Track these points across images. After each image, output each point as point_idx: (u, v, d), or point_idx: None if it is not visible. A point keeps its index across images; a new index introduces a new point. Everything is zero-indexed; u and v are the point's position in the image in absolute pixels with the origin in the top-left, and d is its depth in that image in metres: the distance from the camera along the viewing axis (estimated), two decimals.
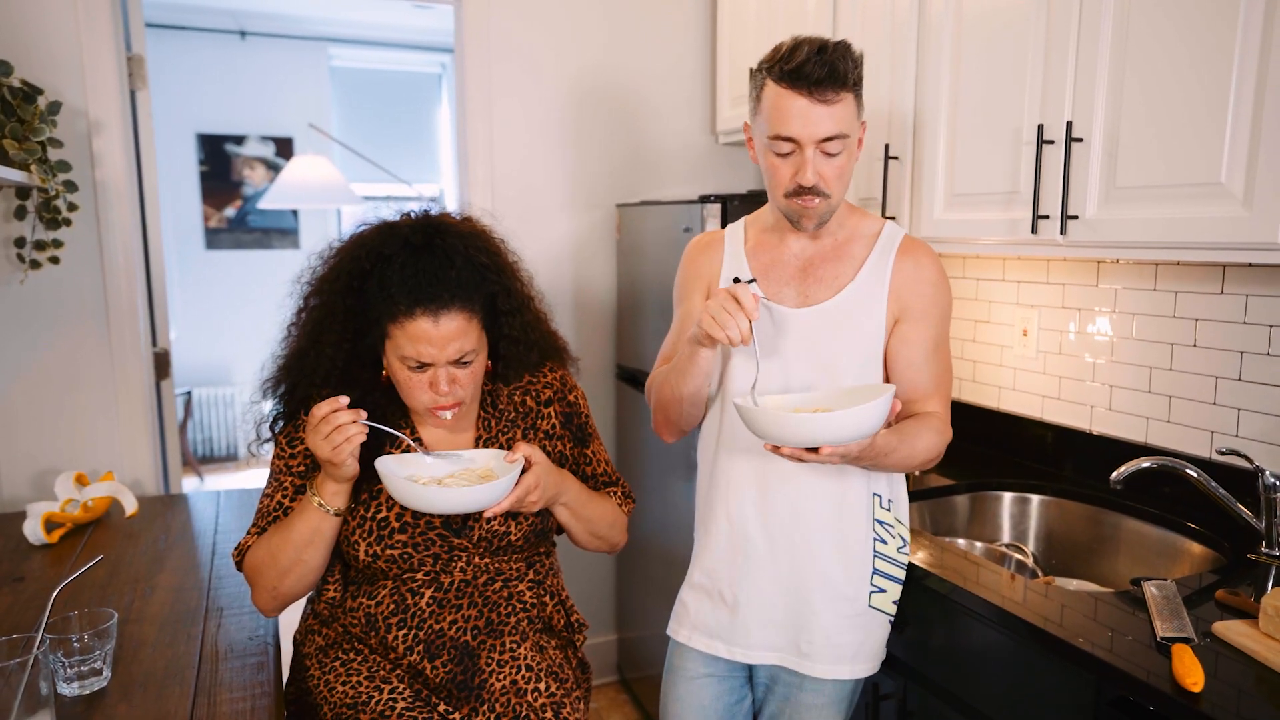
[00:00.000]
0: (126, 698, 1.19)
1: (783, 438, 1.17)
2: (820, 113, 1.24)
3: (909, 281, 1.36)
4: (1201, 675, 1.05)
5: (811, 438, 1.15)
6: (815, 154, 1.26)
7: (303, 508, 1.28)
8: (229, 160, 5.60)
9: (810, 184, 1.27)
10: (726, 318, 1.21)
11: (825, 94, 1.23)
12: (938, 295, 1.38)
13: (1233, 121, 1.26)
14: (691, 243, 1.54)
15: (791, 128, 1.25)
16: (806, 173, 1.26)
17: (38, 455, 2.13)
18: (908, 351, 1.37)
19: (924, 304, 1.37)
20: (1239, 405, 1.62)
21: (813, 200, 1.29)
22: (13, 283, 2.04)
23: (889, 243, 1.39)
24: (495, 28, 2.49)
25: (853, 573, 1.39)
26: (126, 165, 2.17)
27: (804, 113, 1.24)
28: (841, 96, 1.25)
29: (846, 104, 1.26)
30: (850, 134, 1.28)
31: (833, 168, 1.28)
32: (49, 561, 1.67)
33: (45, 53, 2.02)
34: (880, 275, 1.36)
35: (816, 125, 1.24)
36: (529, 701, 1.34)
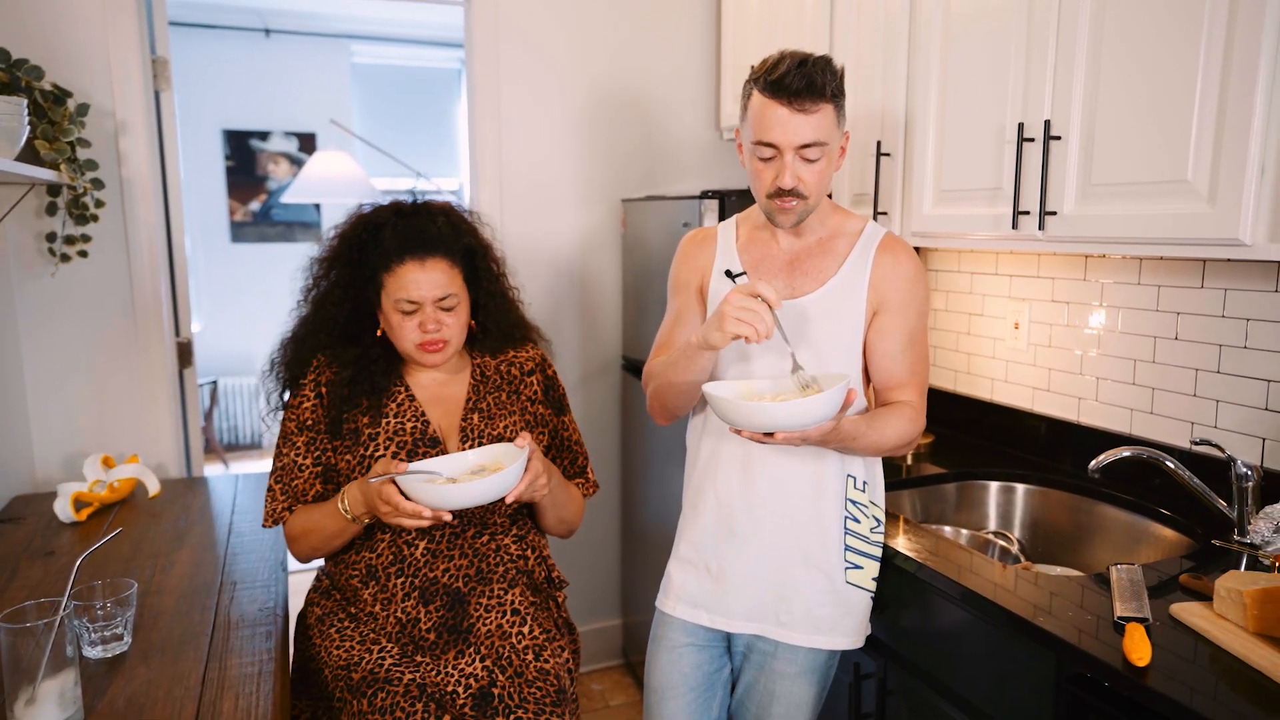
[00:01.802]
0: (145, 661, 1.28)
1: (741, 423, 1.26)
2: (799, 121, 1.32)
3: (887, 276, 1.43)
4: (1149, 651, 1.10)
5: (766, 424, 1.24)
6: (794, 159, 1.34)
7: (331, 509, 1.42)
8: (254, 155, 5.73)
9: (789, 187, 1.35)
10: (753, 315, 1.25)
11: (804, 104, 1.31)
12: (914, 290, 1.44)
13: (1198, 122, 1.30)
14: (685, 238, 1.61)
15: (773, 134, 1.33)
16: (785, 176, 1.34)
17: (68, 439, 2.24)
18: (884, 342, 1.44)
19: (900, 298, 1.43)
20: (1217, 397, 1.66)
21: (790, 201, 1.37)
22: (44, 275, 2.14)
23: (870, 240, 1.46)
24: (504, 26, 2.56)
25: (828, 549, 1.46)
26: (151, 163, 2.27)
27: (784, 121, 1.32)
28: (819, 107, 1.32)
29: (824, 114, 1.33)
30: (828, 142, 1.35)
31: (811, 172, 1.36)
32: (77, 538, 1.77)
33: (74, 57, 2.12)
34: (861, 270, 1.44)
35: (795, 133, 1.32)
36: (512, 644, 1.46)
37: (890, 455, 1.53)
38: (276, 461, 1.51)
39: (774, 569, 1.46)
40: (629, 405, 2.77)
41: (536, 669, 1.43)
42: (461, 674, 1.40)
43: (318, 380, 1.51)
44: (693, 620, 1.51)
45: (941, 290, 2.35)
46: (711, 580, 1.50)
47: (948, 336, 2.34)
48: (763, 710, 1.50)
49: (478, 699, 1.36)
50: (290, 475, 1.49)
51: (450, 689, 1.38)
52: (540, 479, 1.39)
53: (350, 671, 1.39)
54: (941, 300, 2.35)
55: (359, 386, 1.49)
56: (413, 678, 1.36)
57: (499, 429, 1.54)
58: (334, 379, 1.50)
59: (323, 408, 1.50)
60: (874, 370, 1.46)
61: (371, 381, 1.50)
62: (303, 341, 1.54)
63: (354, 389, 1.49)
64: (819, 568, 1.45)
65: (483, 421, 1.53)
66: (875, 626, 1.59)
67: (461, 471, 1.40)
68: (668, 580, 1.56)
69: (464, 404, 1.55)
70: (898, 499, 1.94)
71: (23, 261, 2.13)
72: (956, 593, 1.41)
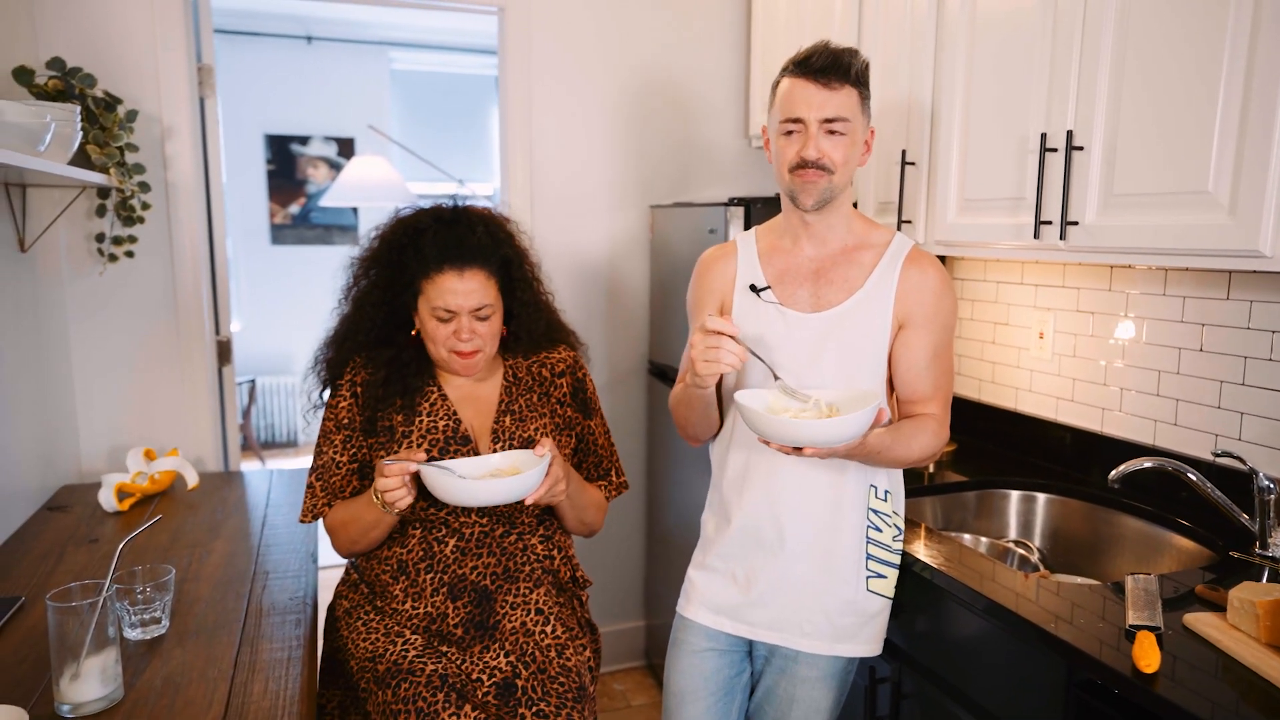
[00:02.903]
0: (181, 643, 1.34)
1: (770, 435, 1.29)
2: (824, 95, 1.36)
3: (913, 290, 1.43)
4: (1158, 659, 1.11)
5: (796, 439, 1.27)
6: (819, 131, 1.37)
7: (367, 498, 1.46)
8: (294, 159, 5.86)
9: (813, 158, 1.37)
10: (716, 353, 1.31)
11: (829, 80, 1.36)
12: (940, 305, 1.44)
13: (1220, 134, 1.31)
14: (702, 258, 1.61)
15: (798, 109, 1.37)
16: (809, 147, 1.37)
17: (112, 432, 2.33)
18: (909, 356, 1.44)
19: (926, 312, 1.43)
20: (1242, 409, 1.65)
21: (813, 175, 1.38)
22: (93, 274, 2.24)
23: (897, 252, 1.46)
24: (536, 32, 2.62)
25: (851, 559, 1.47)
26: (195, 167, 2.35)
27: (808, 96, 1.36)
28: (843, 86, 1.36)
29: (848, 95, 1.37)
30: (852, 120, 1.38)
31: (835, 147, 1.38)
32: (120, 526, 1.85)
33: (123, 64, 2.21)
34: (887, 283, 1.44)
35: (820, 106, 1.36)
36: (536, 641, 1.49)
37: (913, 467, 1.54)
38: (316, 460, 1.56)
39: (799, 579, 1.47)
40: (655, 409, 2.80)
41: (559, 665, 1.47)
42: (486, 665, 1.44)
43: (353, 380, 1.57)
44: (715, 627, 1.53)
45: (967, 299, 2.36)
46: (738, 589, 1.51)
47: (973, 345, 2.35)
48: (782, 714, 1.52)
49: (501, 689, 1.40)
50: (329, 473, 1.54)
51: (474, 678, 1.42)
52: (559, 484, 1.43)
53: (376, 663, 1.43)
54: (967, 309, 2.36)
55: (393, 386, 1.54)
56: (435, 668, 1.40)
57: (529, 431, 1.57)
58: (369, 379, 1.55)
59: (358, 406, 1.55)
60: (899, 383, 1.47)
61: (404, 382, 1.54)
62: (343, 341, 1.59)
63: (388, 389, 1.54)
64: (842, 577, 1.47)
65: (514, 424, 1.57)
66: (891, 631, 1.60)
67: (482, 473, 1.44)
68: (690, 586, 1.58)
69: (496, 405, 1.58)
70: (919, 506, 1.95)
71: (73, 261, 2.22)
72: (971, 599, 1.42)
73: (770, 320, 1.46)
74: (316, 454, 1.57)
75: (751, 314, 1.48)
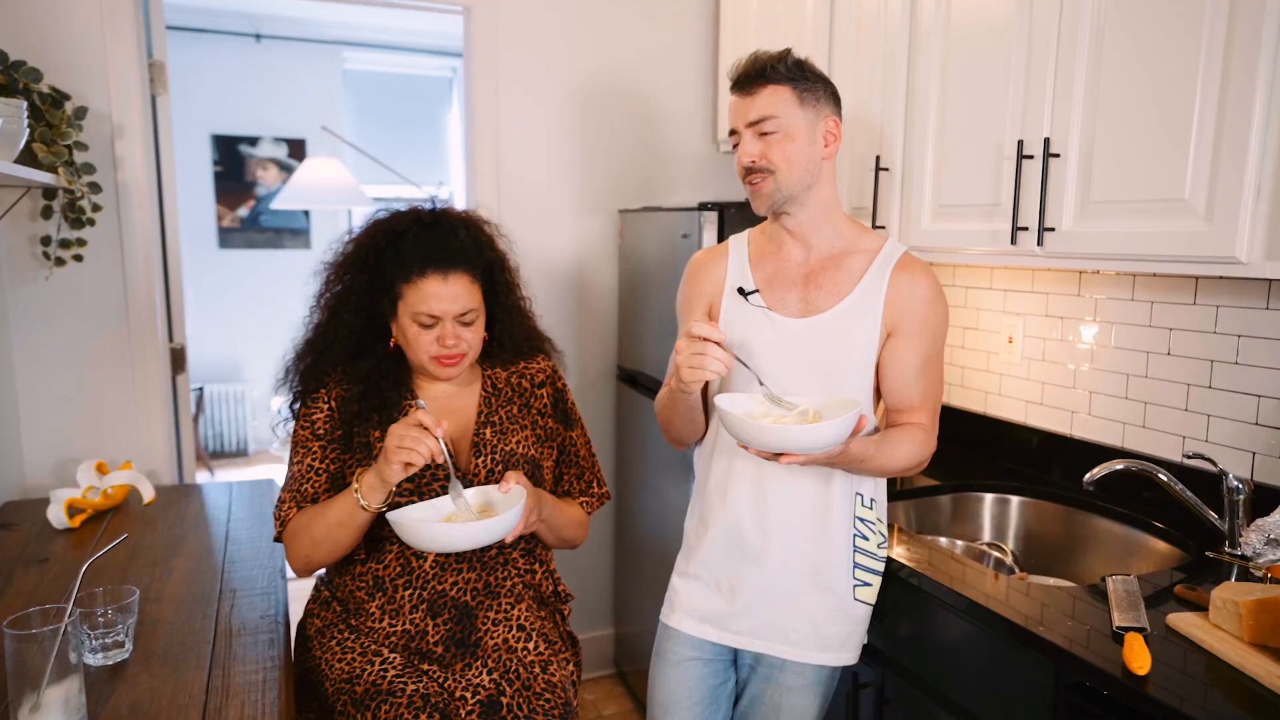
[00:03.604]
0: (147, 668, 1.27)
1: (750, 440, 1.28)
2: (746, 102, 1.40)
3: (902, 298, 1.42)
4: (1149, 660, 1.12)
5: (775, 445, 1.26)
6: (748, 135, 1.40)
7: (344, 494, 1.40)
8: (243, 161, 5.71)
9: (746, 162, 1.40)
10: (700, 359, 1.29)
11: (749, 88, 1.40)
12: (930, 314, 1.43)
13: (1196, 142, 1.33)
14: (693, 259, 1.60)
15: (731, 122, 1.44)
16: (742, 152, 1.41)
17: (59, 444, 2.22)
18: (897, 365, 1.43)
19: (916, 321, 1.42)
20: (1209, 411, 1.69)
21: (757, 179, 1.41)
22: (38, 279, 2.13)
23: (887, 259, 1.44)
24: (503, 36, 2.58)
25: (837, 567, 1.46)
26: (147, 167, 2.26)
27: (735, 107, 1.43)
28: (764, 87, 1.38)
29: (772, 93, 1.38)
30: (781, 116, 1.38)
31: (769, 146, 1.39)
32: (72, 544, 1.75)
33: (72, 59, 2.11)
34: (877, 290, 1.42)
35: (744, 113, 1.41)
36: (519, 657, 1.45)
37: (898, 476, 1.53)
38: (291, 468, 1.49)
39: (784, 587, 1.46)
40: (624, 416, 2.78)
41: (544, 681, 1.44)
42: (468, 683, 1.40)
43: (328, 394, 1.51)
44: (700, 635, 1.51)
45: None
46: (722, 597, 1.49)
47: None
48: None
49: (485, 708, 1.36)
50: (301, 481, 1.47)
51: (458, 696, 1.37)
52: (532, 515, 1.41)
53: (353, 684, 1.38)
54: None
55: (369, 402, 1.48)
56: (416, 688, 1.36)
57: (510, 444, 1.53)
58: (345, 394, 1.49)
59: (336, 419, 1.49)
60: (886, 392, 1.46)
61: (381, 396, 1.49)
62: (318, 350, 1.52)
63: (365, 404, 1.48)
64: (828, 586, 1.46)
65: (495, 436, 1.53)
66: (874, 636, 1.60)
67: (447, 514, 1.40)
68: (673, 594, 1.56)
69: (475, 417, 1.54)
70: (892, 510, 1.95)
71: (15, 265, 2.11)
72: (955, 602, 1.42)
73: (758, 324, 1.45)
74: (292, 462, 1.50)
75: (739, 317, 1.46)
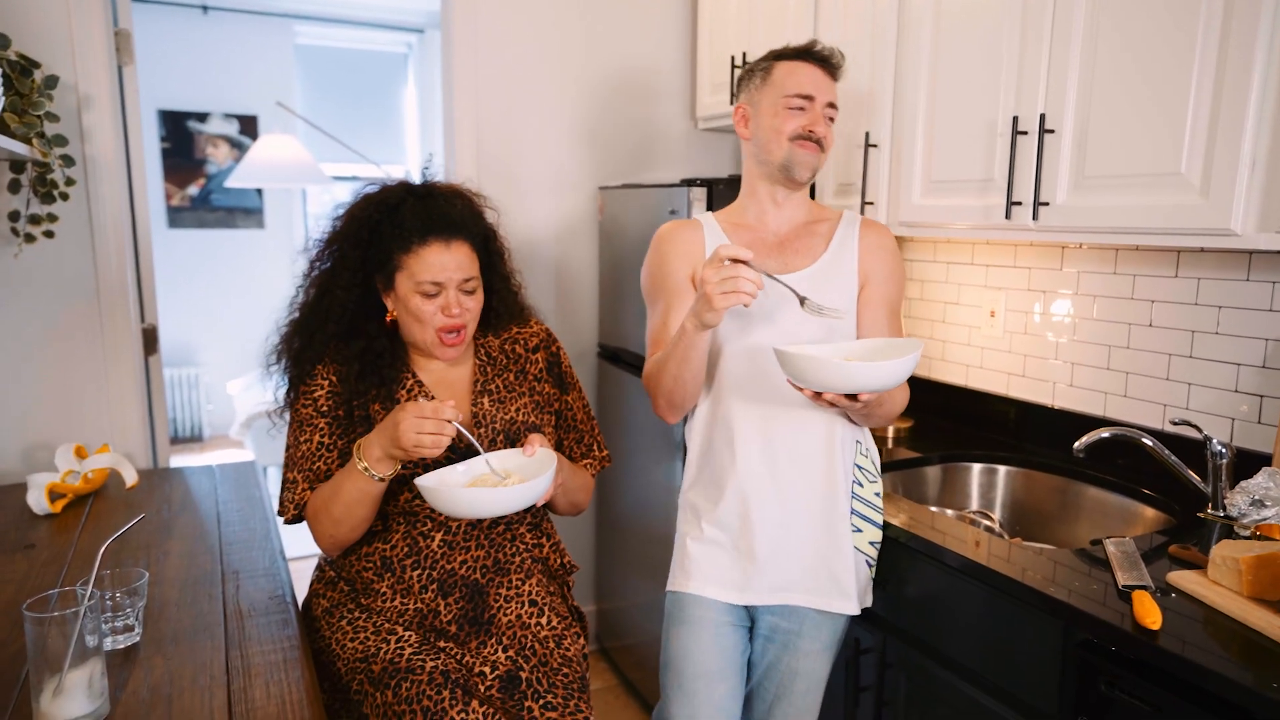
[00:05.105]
0: (160, 651, 1.24)
1: (818, 381, 1.29)
2: (828, 82, 1.52)
3: (872, 249, 1.56)
4: (1160, 616, 1.17)
5: (849, 385, 1.28)
6: (823, 112, 1.50)
7: (349, 471, 1.37)
8: (192, 137, 5.51)
9: (821, 133, 1.49)
10: (736, 281, 1.27)
11: (831, 70, 1.52)
12: (896, 263, 1.58)
13: (1192, 117, 1.38)
14: (665, 230, 1.61)
15: (807, 87, 1.49)
16: (820, 124, 1.49)
17: (28, 428, 2.13)
18: (872, 313, 1.55)
19: (885, 270, 1.56)
20: (1190, 380, 1.76)
21: (814, 149, 1.50)
22: (5, 256, 2.03)
23: (851, 222, 1.60)
24: (482, 9, 2.53)
25: (840, 513, 1.52)
26: (115, 140, 2.17)
27: (816, 78, 1.50)
28: (838, 74, 1.54)
29: (837, 84, 1.53)
30: (837, 115, 1.54)
31: (829, 130, 1.52)
32: (55, 530, 1.69)
33: (36, 26, 2.01)
34: (849, 245, 1.56)
35: (827, 90, 1.51)
36: (533, 633, 1.45)
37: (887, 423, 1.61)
38: (294, 451, 1.46)
39: (799, 539, 1.51)
40: (605, 393, 2.78)
41: (560, 656, 1.44)
42: (485, 659, 1.39)
43: (325, 370, 1.48)
44: (724, 600, 1.53)
45: (917, 280, 2.43)
46: (742, 558, 1.52)
47: (923, 325, 2.42)
48: (784, 689, 1.55)
49: (505, 681, 1.36)
50: (313, 459, 1.44)
51: (476, 672, 1.37)
52: (558, 477, 1.40)
53: (369, 663, 1.36)
54: (917, 290, 2.43)
55: (368, 380, 1.46)
56: (435, 664, 1.35)
57: (510, 412, 1.53)
58: (341, 373, 1.47)
59: (338, 395, 1.46)
60: (866, 337, 1.54)
61: (380, 374, 1.47)
62: (310, 330, 1.48)
63: (362, 381, 1.46)
64: (834, 532, 1.51)
65: (493, 405, 1.52)
66: (875, 602, 1.64)
67: (470, 479, 1.38)
68: (689, 562, 1.55)
69: (471, 387, 1.53)
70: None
71: None
72: (958, 564, 1.46)
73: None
74: (293, 445, 1.47)
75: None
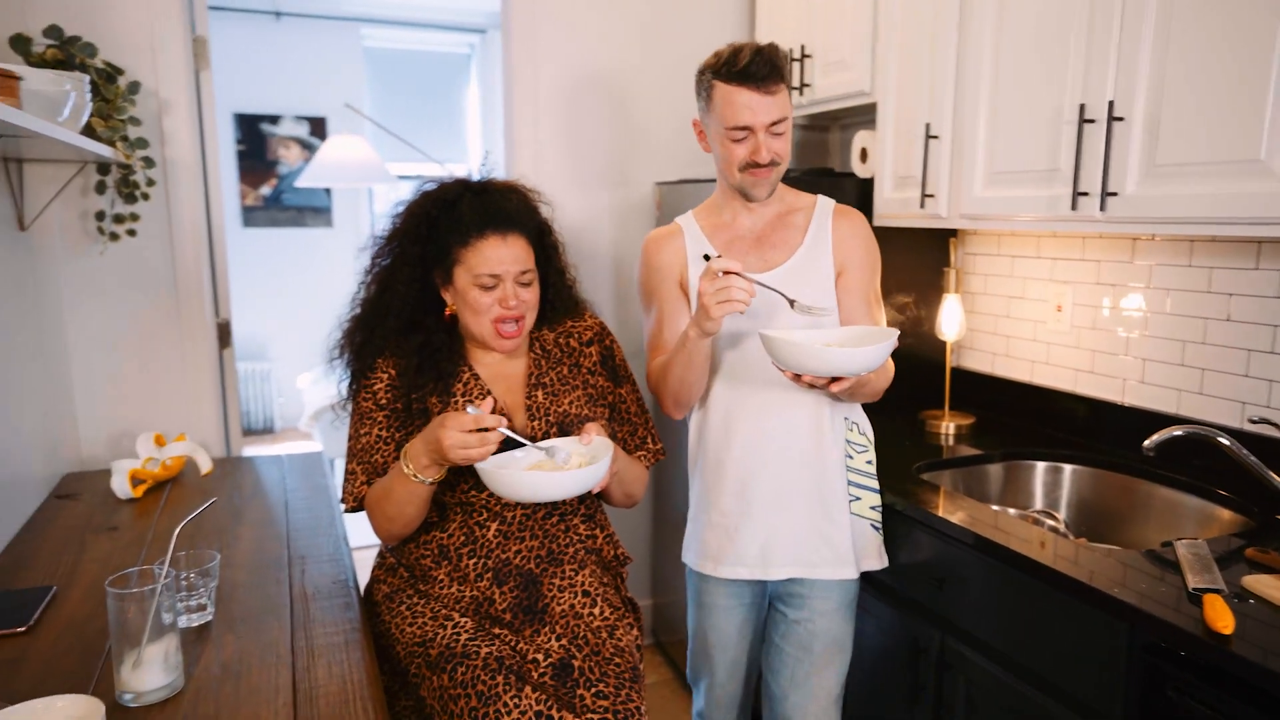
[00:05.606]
0: (231, 629, 1.30)
1: (802, 365, 1.39)
2: (767, 102, 1.48)
3: (846, 238, 1.61)
4: (1232, 620, 1.13)
5: (836, 368, 1.38)
6: (766, 136, 1.50)
7: (398, 473, 1.40)
8: (264, 140, 5.71)
9: (766, 161, 1.51)
10: (729, 290, 1.38)
11: (769, 87, 1.48)
12: (870, 247, 1.64)
13: (1273, 99, 1.32)
14: (650, 239, 1.70)
15: (744, 118, 1.48)
16: (762, 152, 1.50)
17: (111, 418, 2.24)
18: (851, 297, 1.61)
19: (860, 256, 1.62)
20: (1272, 377, 1.68)
21: (766, 172, 1.54)
22: (90, 254, 2.14)
23: (824, 210, 1.64)
24: (541, 9, 2.56)
25: (835, 487, 1.61)
26: (193, 142, 2.26)
27: (753, 104, 1.48)
28: (780, 87, 1.50)
29: (783, 94, 1.51)
30: (788, 116, 1.53)
31: (781, 143, 1.53)
32: (136, 514, 1.78)
33: (120, 35, 2.11)
34: (823, 235, 1.61)
35: (766, 113, 1.49)
36: (586, 623, 1.47)
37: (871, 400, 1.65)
38: (354, 443, 1.50)
39: (793, 515, 1.60)
40: None
41: (613, 646, 1.45)
42: (538, 646, 1.42)
43: (385, 364, 1.52)
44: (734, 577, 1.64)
45: (980, 273, 2.37)
46: (746, 537, 1.62)
47: (986, 320, 2.36)
48: (804, 651, 1.63)
49: (557, 669, 1.38)
50: (371, 452, 1.49)
51: (530, 659, 1.39)
52: (613, 465, 1.42)
53: (426, 647, 1.40)
54: (980, 283, 2.37)
55: (426, 374, 1.50)
56: (490, 650, 1.38)
57: (564, 405, 1.55)
58: (401, 367, 1.51)
59: (396, 390, 1.50)
60: (846, 322, 1.62)
61: (438, 367, 1.51)
62: (370, 325, 1.53)
63: (421, 375, 1.50)
64: (831, 505, 1.61)
65: (547, 399, 1.54)
66: (932, 601, 1.62)
67: (528, 465, 1.41)
68: (700, 545, 1.67)
69: (526, 380, 1.56)
70: (941, 479, 1.96)
71: (69, 240, 2.13)
72: (1019, 564, 1.43)
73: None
74: (354, 437, 1.51)
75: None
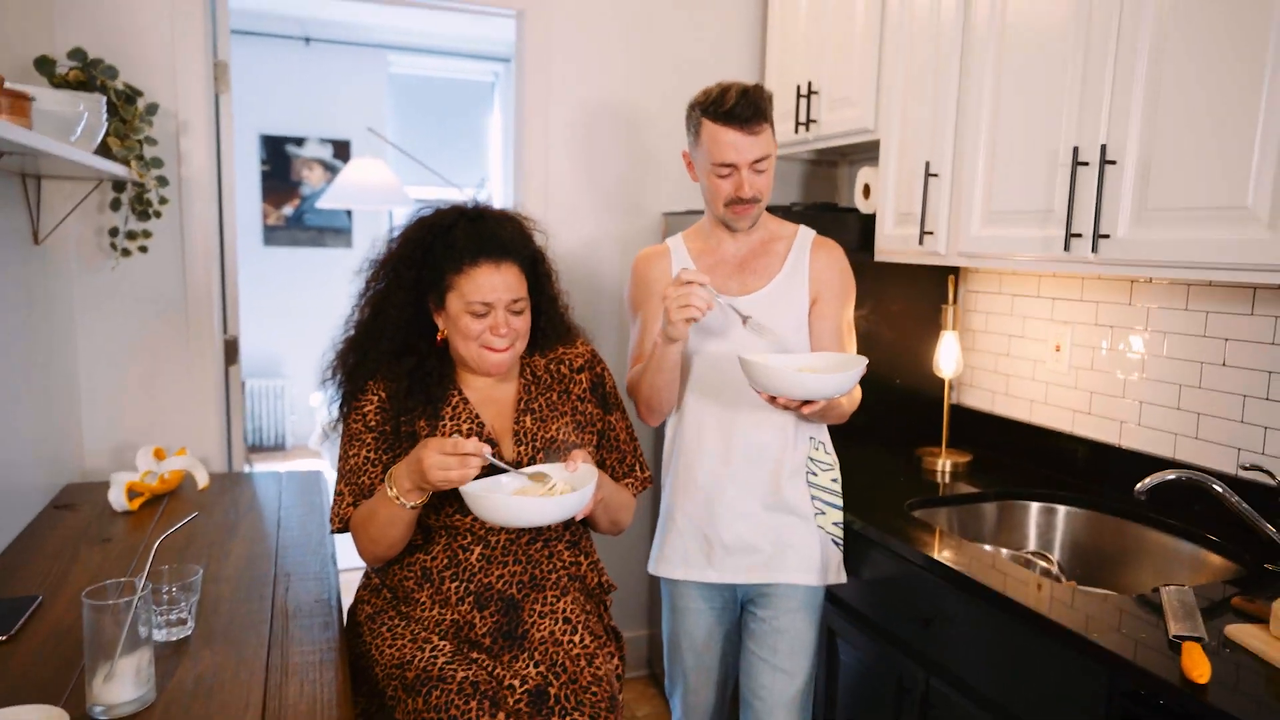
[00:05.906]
0: (209, 645, 1.31)
1: (777, 388, 1.48)
2: (750, 141, 1.58)
3: (822, 269, 1.71)
4: (1209, 669, 1.11)
5: (808, 392, 1.47)
6: (749, 173, 1.60)
7: (382, 496, 1.41)
8: (289, 161, 5.82)
9: (749, 196, 1.61)
10: (687, 297, 1.47)
11: (752, 127, 1.57)
12: (845, 280, 1.73)
13: (1260, 148, 1.32)
14: (641, 257, 1.81)
15: (728, 156, 1.59)
16: (745, 188, 1.61)
17: (116, 430, 2.28)
18: (824, 325, 1.70)
19: (835, 287, 1.71)
20: (1266, 423, 1.67)
21: (748, 208, 1.64)
22: (102, 269, 2.20)
23: (804, 241, 1.74)
24: (555, 40, 2.61)
25: (799, 500, 1.70)
26: (209, 163, 2.32)
27: (737, 143, 1.58)
28: (764, 128, 1.59)
29: (767, 133, 1.61)
30: (771, 155, 1.62)
31: (763, 181, 1.63)
32: (131, 526, 1.81)
33: (141, 57, 2.18)
34: (800, 265, 1.71)
35: (749, 151, 1.58)
36: (565, 650, 1.47)
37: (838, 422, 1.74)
38: (343, 464, 1.52)
39: (756, 523, 1.68)
40: None
41: (591, 674, 1.45)
42: (516, 673, 1.42)
43: (376, 386, 1.54)
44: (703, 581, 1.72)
45: (981, 311, 2.37)
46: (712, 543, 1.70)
47: (986, 358, 2.36)
48: (770, 651, 1.70)
49: (533, 696, 1.38)
50: (359, 474, 1.50)
51: (506, 684, 1.39)
52: (598, 493, 1.42)
53: (403, 670, 1.40)
54: (981, 321, 2.37)
55: (416, 397, 1.51)
56: (466, 675, 1.38)
57: (551, 431, 1.56)
58: (392, 390, 1.53)
59: (386, 412, 1.52)
60: (818, 349, 1.70)
61: (428, 391, 1.52)
62: (363, 348, 1.55)
63: (411, 399, 1.51)
64: (795, 516, 1.69)
65: (535, 424, 1.56)
66: (917, 639, 1.60)
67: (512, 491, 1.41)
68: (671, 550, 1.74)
69: (515, 405, 1.57)
70: (933, 516, 1.95)
71: (82, 255, 2.18)
72: (1003, 606, 1.42)
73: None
74: (342, 459, 1.53)
75: None
